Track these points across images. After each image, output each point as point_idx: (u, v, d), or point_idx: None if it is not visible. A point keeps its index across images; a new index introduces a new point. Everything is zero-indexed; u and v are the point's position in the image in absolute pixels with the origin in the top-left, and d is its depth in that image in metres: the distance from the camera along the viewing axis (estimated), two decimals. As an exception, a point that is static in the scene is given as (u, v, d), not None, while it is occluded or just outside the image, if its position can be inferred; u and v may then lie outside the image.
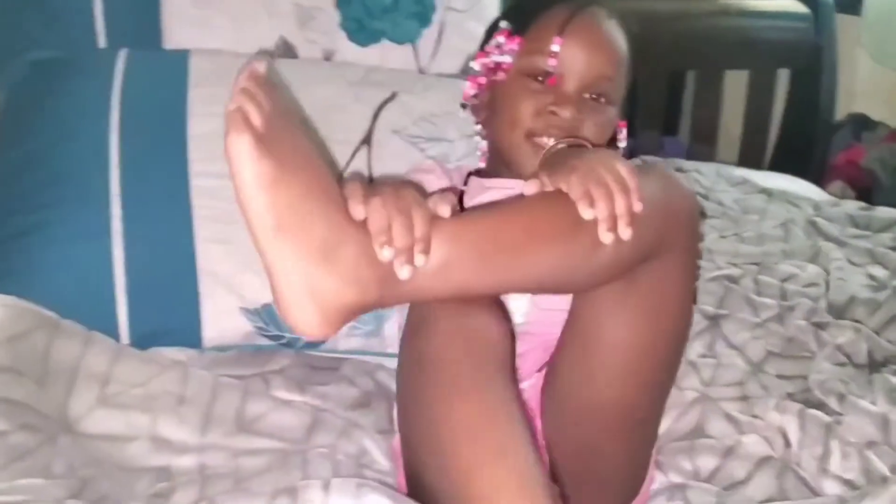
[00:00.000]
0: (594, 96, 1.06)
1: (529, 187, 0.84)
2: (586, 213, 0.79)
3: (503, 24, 1.11)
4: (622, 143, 1.13)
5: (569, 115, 1.04)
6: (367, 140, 1.27)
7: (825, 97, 2.12)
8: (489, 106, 1.13)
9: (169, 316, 1.15)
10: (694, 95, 2.18)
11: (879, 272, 1.41)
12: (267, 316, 1.17)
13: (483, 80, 1.13)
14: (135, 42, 1.34)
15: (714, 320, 1.25)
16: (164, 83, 1.27)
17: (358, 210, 0.77)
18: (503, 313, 0.88)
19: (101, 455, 0.95)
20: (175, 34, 1.37)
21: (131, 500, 0.90)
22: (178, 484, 0.92)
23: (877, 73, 2.63)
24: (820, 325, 1.22)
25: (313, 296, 0.74)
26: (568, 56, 1.05)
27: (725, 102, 2.23)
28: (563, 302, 0.95)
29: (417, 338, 0.83)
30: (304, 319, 0.75)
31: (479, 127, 1.17)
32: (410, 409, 0.85)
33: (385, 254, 0.75)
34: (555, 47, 1.05)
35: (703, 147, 2.14)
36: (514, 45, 1.08)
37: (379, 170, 1.26)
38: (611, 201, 0.79)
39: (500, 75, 1.10)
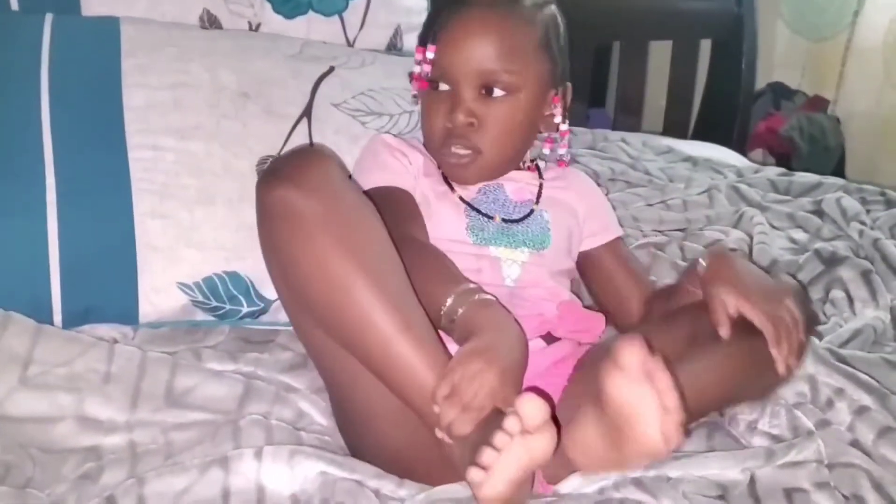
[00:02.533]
0: (488, 91, 1.08)
1: (723, 330, 0.95)
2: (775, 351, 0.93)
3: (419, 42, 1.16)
4: (557, 119, 1.14)
5: (461, 120, 1.07)
6: (307, 113, 1.25)
7: (746, 67, 2.16)
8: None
9: (105, 292, 1.12)
10: (619, 67, 2.20)
11: (800, 235, 1.46)
12: (206, 288, 1.15)
13: (415, 92, 1.17)
14: (51, 8, 1.28)
15: (642, 285, 1.27)
16: (94, 52, 1.23)
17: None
18: None
19: (24, 438, 0.92)
20: (93, 1, 1.32)
21: (58, 482, 0.87)
22: (107, 463, 0.90)
23: (794, 43, 2.70)
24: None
25: None
26: (446, 60, 1.08)
27: (650, 73, 2.26)
28: (552, 263, 1.11)
29: None
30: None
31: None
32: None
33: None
34: (429, 54, 1.09)
35: (629, 118, 2.17)
36: (419, 55, 1.12)
37: (320, 143, 1.24)
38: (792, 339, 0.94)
39: (417, 84, 1.13)
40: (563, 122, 1.15)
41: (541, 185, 1.18)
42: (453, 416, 0.82)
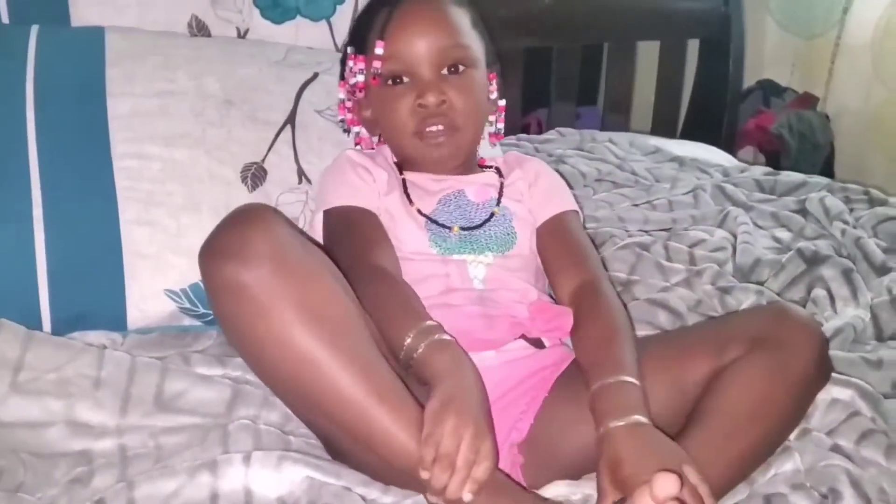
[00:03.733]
0: (451, 69, 1.14)
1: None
2: None
3: (349, 49, 1.20)
4: (493, 95, 1.23)
5: (434, 100, 1.12)
6: (290, 120, 1.27)
7: (734, 66, 2.18)
8: (374, 121, 1.21)
9: (93, 299, 1.14)
10: (607, 67, 2.22)
11: (784, 234, 1.47)
12: (193, 295, 1.16)
13: (350, 104, 1.22)
14: (40, 19, 1.30)
15: (626, 286, 1.29)
16: (79, 61, 1.24)
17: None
18: None
19: (16, 443, 0.94)
20: (82, 12, 1.33)
21: (49, 486, 0.89)
22: (97, 467, 0.91)
23: (784, 40, 2.71)
24: (725, 290, 1.26)
25: None
26: (403, 48, 1.13)
27: (638, 73, 2.28)
28: (518, 263, 1.13)
29: None
30: None
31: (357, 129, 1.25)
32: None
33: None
34: (378, 51, 1.13)
35: (618, 117, 2.18)
36: (360, 63, 1.17)
37: (304, 150, 1.26)
38: None
39: (362, 94, 1.18)
40: (500, 98, 1.24)
41: (501, 185, 1.21)
42: (445, 480, 0.82)
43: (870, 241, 1.39)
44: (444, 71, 1.14)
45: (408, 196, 1.16)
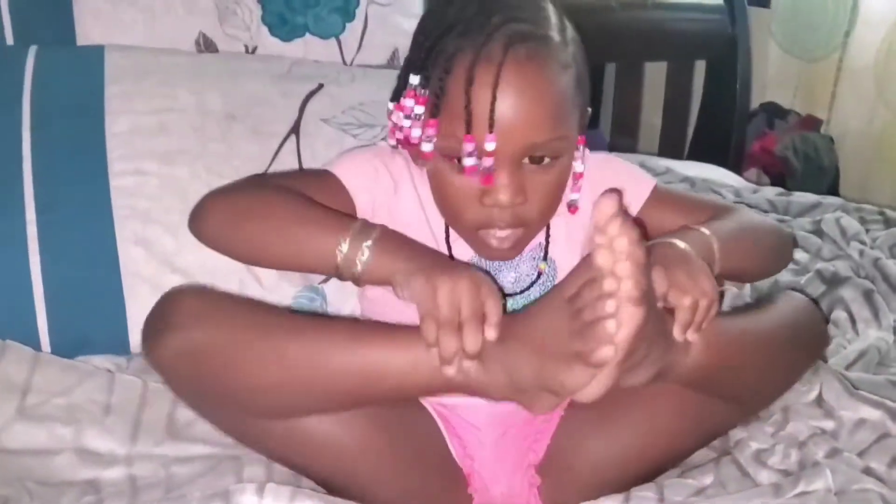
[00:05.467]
0: (535, 159, 0.89)
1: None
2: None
3: (413, 79, 0.91)
4: (577, 162, 0.96)
5: (507, 201, 0.87)
6: (294, 129, 1.24)
7: (741, 87, 2.17)
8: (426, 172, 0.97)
9: (93, 322, 1.11)
10: (614, 88, 2.21)
11: (801, 256, 1.45)
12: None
13: (397, 141, 0.96)
14: (46, 40, 1.28)
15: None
16: (78, 80, 1.22)
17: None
18: None
19: (22, 471, 0.90)
20: (89, 31, 1.31)
21: (56, 515, 0.86)
22: (106, 496, 0.88)
23: (786, 63, 2.71)
24: (744, 312, 1.24)
25: None
26: (481, 129, 0.85)
27: (645, 94, 2.27)
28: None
29: None
30: None
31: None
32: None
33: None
34: (468, 146, 0.85)
35: (625, 139, 2.17)
36: (431, 129, 0.89)
37: (309, 158, 1.23)
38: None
39: (417, 150, 0.92)
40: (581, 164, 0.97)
41: (547, 239, 1.02)
42: (455, 343, 0.77)
43: (888, 262, 1.37)
44: (526, 160, 0.88)
45: (449, 247, 0.98)
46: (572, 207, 0.99)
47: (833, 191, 2.53)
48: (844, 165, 2.58)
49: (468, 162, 0.86)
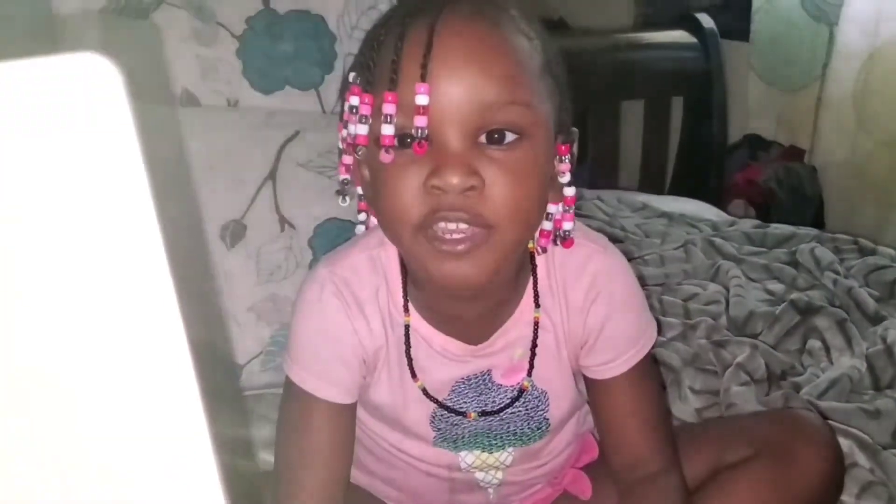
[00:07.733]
0: (495, 136, 0.69)
1: None
2: None
3: (352, 76, 0.75)
4: (564, 178, 0.77)
5: (456, 181, 0.67)
6: (271, 176, 1.27)
7: (718, 121, 2.21)
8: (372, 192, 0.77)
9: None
10: (592, 128, 2.25)
11: (776, 286, 1.48)
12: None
13: (347, 159, 0.77)
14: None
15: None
16: None
17: None
18: None
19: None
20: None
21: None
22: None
23: (768, 94, 2.75)
24: (720, 344, 1.26)
25: None
26: (420, 93, 0.68)
27: (624, 130, 2.31)
28: (553, 445, 0.91)
29: None
30: None
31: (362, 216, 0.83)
32: None
33: None
34: (388, 106, 0.68)
35: (605, 176, 2.20)
36: (367, 105, 0.71)
37: (286, 202, 1.26)
38: None
39: (363, 150, 0.72)
40: (570, 184, 0.77)
41: (536, 331, 0.83)
42: None
43: (862, 291, 1.39)
44: (483, 138, 0.69)
45: (410, 363, 0.82)
46: (566, 241, 0.79)
47: (818, 220, 2.55)
48: (828, 195, 2.60)
49: (386, 130, 0.68)
